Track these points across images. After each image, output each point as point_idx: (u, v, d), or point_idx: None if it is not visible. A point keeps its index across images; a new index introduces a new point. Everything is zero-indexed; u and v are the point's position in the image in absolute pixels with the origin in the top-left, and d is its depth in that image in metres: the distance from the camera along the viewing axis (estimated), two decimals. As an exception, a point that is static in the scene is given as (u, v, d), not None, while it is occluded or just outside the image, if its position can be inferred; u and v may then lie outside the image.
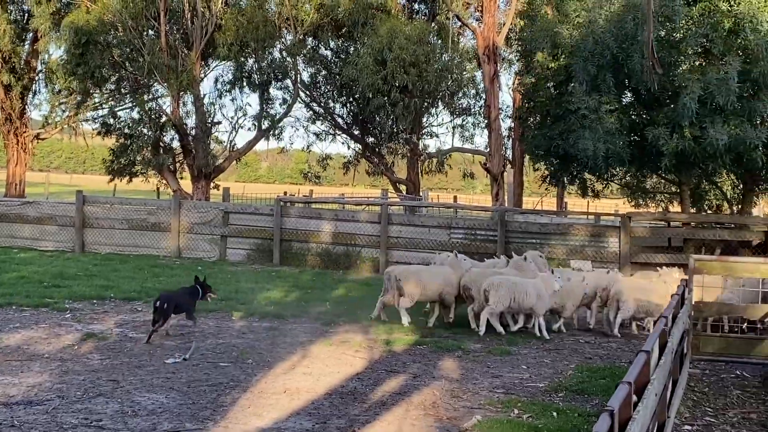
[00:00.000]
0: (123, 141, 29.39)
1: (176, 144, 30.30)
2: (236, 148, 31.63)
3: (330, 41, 32.49)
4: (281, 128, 32.95)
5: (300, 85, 32.34)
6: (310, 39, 31.74)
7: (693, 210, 20.33)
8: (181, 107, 29.14)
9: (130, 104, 30.35)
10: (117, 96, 30.77)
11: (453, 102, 33.32)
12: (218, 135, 32.06)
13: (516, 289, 12.15)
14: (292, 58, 30.79)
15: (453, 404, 8.45)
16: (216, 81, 31.72)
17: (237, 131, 31.36)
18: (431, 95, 30.66)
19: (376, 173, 36.59)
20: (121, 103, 30.85)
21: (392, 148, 34.66)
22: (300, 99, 33.15)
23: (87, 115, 31.40)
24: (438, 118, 35.66)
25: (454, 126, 35.53)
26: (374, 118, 31.63)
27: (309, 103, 34.62)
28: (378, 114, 30.10)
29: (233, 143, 31.57)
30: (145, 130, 29.24)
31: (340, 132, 35.25)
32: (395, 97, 28.19)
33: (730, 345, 10.89)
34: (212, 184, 30.11)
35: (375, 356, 10.64)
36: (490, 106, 29.07)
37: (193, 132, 29.43)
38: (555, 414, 8.12)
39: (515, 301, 12.17)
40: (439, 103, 33.16)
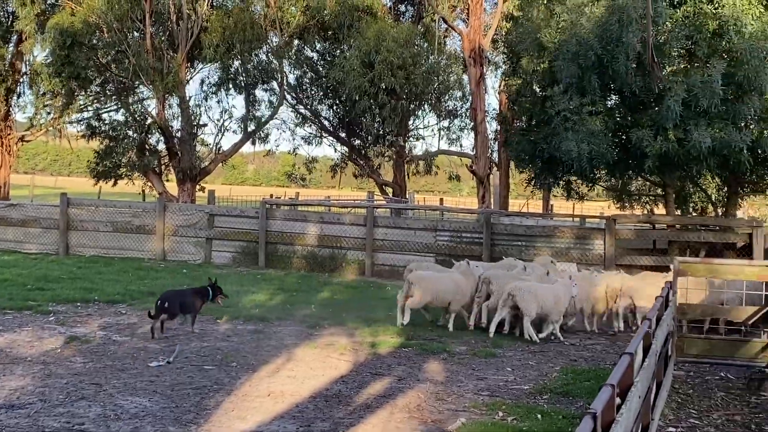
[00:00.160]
0: (108, 143, 29.28)
1: (162, 146, 30.25)
2: (222, 151, 31.58)
3: (316, 43, 32.50)
4: (267, 131, 32.96)
5: (286, 88, 32.33)
6: (297, 41, 31.72)
7: (678, 212, 20.38)
8: (167, 109, 29.10)
9: (116, 106, 30.25)
10: (102, 98, 30.66)
11: (439, 104, 33.36)
12: (204, 137, 32.09)
13: (540, 295, 12.39)
14: (279, 60, 30.77)
15: (438, 407, 8.44)
16: (202, 83, 31.75)
17: (223, 134, 31.30)
18: (418, 98, 30.70)
19: (363, 176, 36.63)
20: (106, 106, 30.75)
21: (378, 151, 34.71)
22: (286, 101, 33.16)
23: (72, 118, 31.23)
24: (424, 121, 35.73)
25: (441, 129, 35.63)
26: (360, 121, 31.64)
27: (295, 106, 34.60)
28: (364, 116, 30.11)
29: (219, 146, 31.54)
30: (131, 133, 29.18)
31: (327, 134, 35.25)
32: (382, 100, 28.20)
33: (714, 347, 10.92)
34: (198, 187, 30.01)
35: (360, 359, 10.62)
36: (476, 109, 29.11)
37: (179, 134, 29.37)
38: (539, 416, 8.12)
39: (541, 307, 12.39)
40: (426, 106, 33.21)
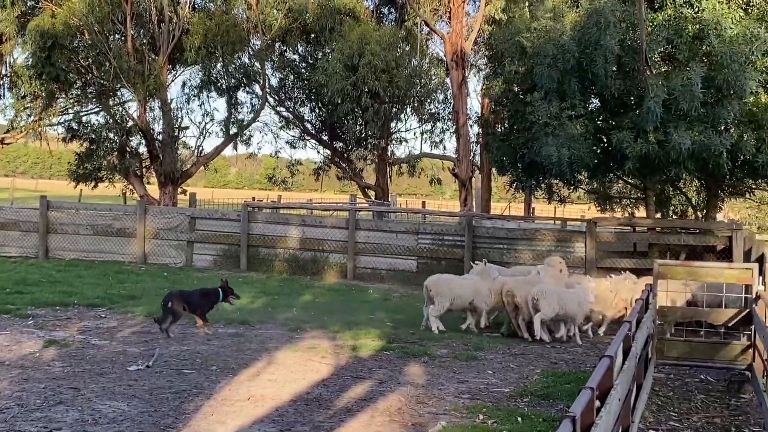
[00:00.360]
0: (89, 146, 29.09)
1: (143, 149, 30.07)
2: (204, 154, 31.43)
3: (298, 46, 32.48)
4: (250, 133, 32.87)
5: (268, 90, 32.26)
6: (279, 44, 31.68)
7: (658, 215, 20.46)
8: (148, 112, 28.95)
9: (96, 109, 30.06)
10: (83, 101, 30.45)
11: (422, 108, 33.38)
12: (186, 140, 31.99)
13: (562, 298, 12.55)
14: (261, 63, 30.71)
15: (418, 410, 8.42)
16: (183, 86, 31.66)
17: (205, 136, 31.17)
18: (401, 101, 30.70)
19: (346, 178, 36.62)
20: (87, 108, 30.54)
21: (361, 154, 34.72)
22: (269, 104, 33.10)
23: (53, 120, 31.01)
24: (407, 124, 35.82)
25: (423, 132, 35.65)
26: (343, 124, 31.63)
27: (278, 109, 34.54)
28: (347, 119, 30.10)
29: (201, 148, 31.39)
30: (112, 135, 28.99)
31: (309, 137, 35.20)
32: (365, 103, 28.19)
33: (695, 349, 10.95)
34: (180, 190, 29.87)
35: (341, 362, 10.59)
36: (458, 112, 29.15)
37: (160, 137, 29.22)
38: (520, 419, 8.12)
39: (562, 309, 12.52)
40: (408, 109, 33.22)
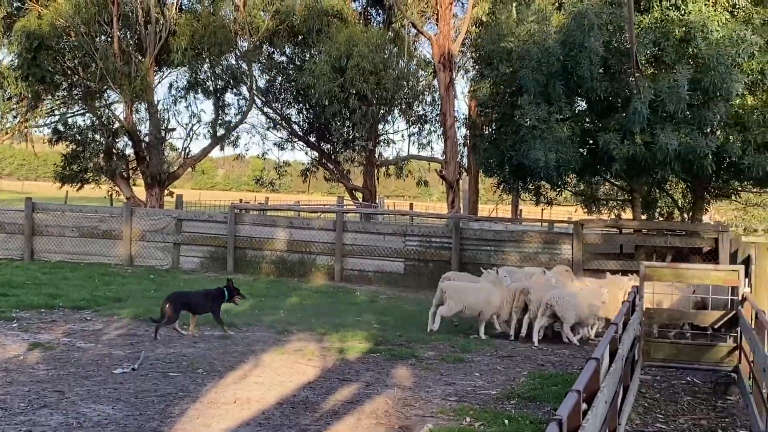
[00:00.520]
0: (75, 147, 28.96)
1: (129, 151, 29.93)
2: (191, 155, 31.32)
3: (286, 48, 32.42)
4: (237, 135, 32.80)
5: (256, 92, 32.19)
6: (266, 45, 31.61)
7: (644, 217, 20.54)
8: (135, 113, 28.81)
9: (83, 110, 29.91)
10: (69, 102, 30.30)
11: (409, 110, 33.38)
12: (173, 142, 31.84)
13: (577, 302, 12.70)
14: (248, 65, 30.64)
15: (405, 413, 8.40)
16: (170, 87, 31.47)
17: (192, 138, 31.03)
18: (388, 103, 30.69)
19: (333, 180, 36.60)
20: (74, 110, 30.39)
21: (349, 156, 34.69)
22: (256, 105, 33.05)
23: (39, 122, 30.84)
24: (394, 126, 35.82)
25: (411, 134, 35.65)
26: (330, 125, 31.59)
27: (265, 110, 34.48)
28: (334, 121, 30.06)
29: (188, 150, 31.28)
30: (98, 137, 28.87)
31: (297, 139, 35.16)
32: (353, 105, 28.15)
33: (681, 351, 10.99)
34: (166, 192, 29.76)
35: (328, 365, 10.55)
36: (446, 114, 29.14)
37: (147, 139, 29.10)
38: (507, 422, 8.10)
39: (578, 314, 12.71)
40: (396, 111, 33.21)
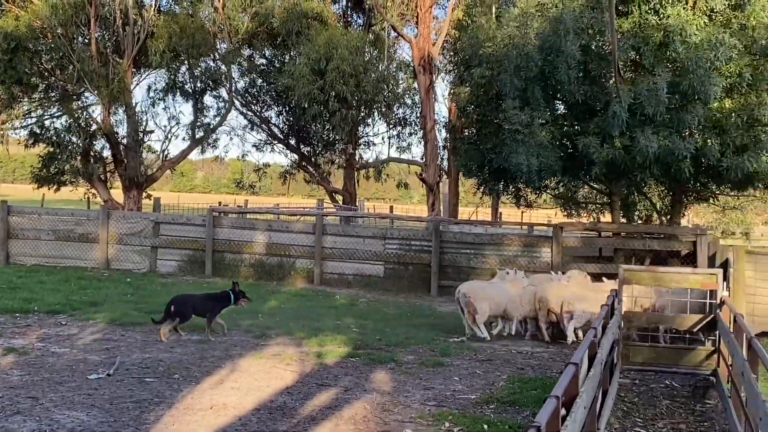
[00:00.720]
0: (52, 150, 28.70)
1: (107, 153, 29.69)
2: (169, 158, 31.09)
3: (265, 50, 32.28)
4: (216, 137, 32.61)
5: (235, 94, 32.03)
6: (246, 48, 31.46)
7: (623, 220, 20.60)
8: (112, 116, 28.55)
9: (60, 112, 29.64)
10: (46, 104, 30.01)
11: (390, 112, 33.31)
12: (151, 144, 31.59)
13: (590, 304, 12.86)
14: (227, 67, 30.47)
15: (384, 418, 8.33)
16: (149, 89, 31.22)
17: (170, 140, 30.84)
18: (368, 105, 30.61)
19: (313, 183, 36.49)
20: (51, 112, 30.10)
21: (329, 158, 34.60)
22: (235, 108, 32.85)
23: (15, 124, 30.50)
24: (374, 128, 35.67)
25: (391, 136, 35.57)
26: (310, 128, 31.48)
27: (245, 112, 34.31)
28: (314, 123, 29.95)
29: (166, 152, 31.05)
30: (75, 139, 28.60)
31: (277, 141, 35.03)
32: (333, 107, 28.05)
33: (660, 355, 11.01)
34: (145, 194, 29.55)
35: (306, 369, 10.46)
36: (426, 117, 29.15)
37: (125, 141, 28.87)
38: (486, 426, 8.05)
39: (593, 315, 12.78)
40: (376, 114, 33.13)
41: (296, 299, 17.23)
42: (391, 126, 34.71)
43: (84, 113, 29.39)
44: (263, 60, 33.39)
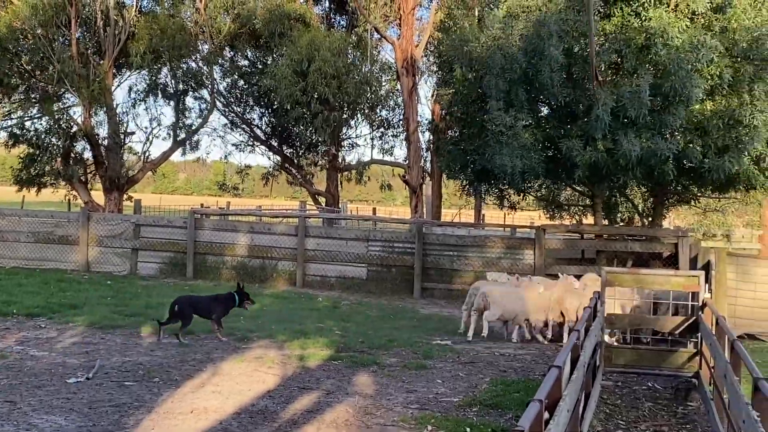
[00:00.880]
0: (32, 151, 28.48)
1: (88, 154, 29.50)
2: (151, 159, 30.91)
3: (247, 51, 32.17)
4: (198, 138, 32.45)
5: (217, 96, 31.89)
6: (228, 49, 31.34)
7: (605, 222, 20.65)
8: (93, 117, 28.38)
9: (40, 114, 29.41)
10: (26, 105, 29.77)
11: (373, 114, 33.27)
12: (132, 145, 31.41)
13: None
14: (209, 68, 30.35)
15: (366, 421, 8.27)
16: (130, 90, 31.09)
17: (151, 142, 30.66)
18: (351, 107, 30.57)
19: (296, 185, 36.39)
20: (31, 113, 29.87)
21: (311, 160, 34.50)
22: (217, 109, 32.73)
23: (-6, 125, 30.26)
24: (357, 130, 35.59)
25: (373, 138, 35.51)
26: (293, 129, 31.39)
27: (227, 114, 34.17)
28: (297, 125, 29.87)
29: (148, 154, 30.88)
30: (55, 140, 28.39)
31: (259, 143, 34.91)
32: (315, 109, 28.00)
33: (642, 357, 11.00)
34: (126, 196, 29.36)
35: (288, 373, 10.38)
36: (409, 119, 29.13)
37: (106, 142, 28.69)
38: (468, 429, 8.01)
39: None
40: (359, 115, 33.08)
41: (278, 301, 17.14)
42: (374, 128, 34.67)
43: (64, 114, 29.19)
44: (245, 61, 33.30)
